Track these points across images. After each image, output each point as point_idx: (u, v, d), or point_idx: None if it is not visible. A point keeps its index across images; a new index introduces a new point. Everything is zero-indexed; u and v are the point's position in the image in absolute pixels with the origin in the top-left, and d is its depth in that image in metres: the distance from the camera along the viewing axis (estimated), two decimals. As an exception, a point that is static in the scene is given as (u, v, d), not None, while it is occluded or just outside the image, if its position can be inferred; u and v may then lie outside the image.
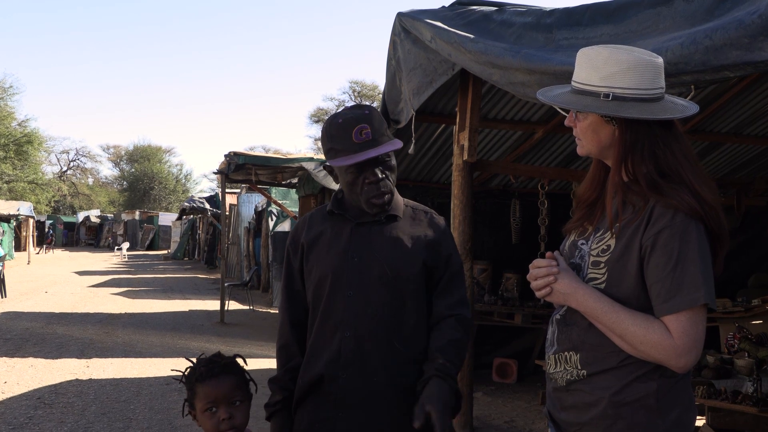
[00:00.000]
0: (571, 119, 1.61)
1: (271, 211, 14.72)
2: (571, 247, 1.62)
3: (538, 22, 3.37)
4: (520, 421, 5.28)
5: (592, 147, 1.58)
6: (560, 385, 1.56)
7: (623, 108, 1.47)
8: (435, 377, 1.73)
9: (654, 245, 1.41)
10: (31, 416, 5.10)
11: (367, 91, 39.70)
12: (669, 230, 1.40)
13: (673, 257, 1.39)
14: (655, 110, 1.47)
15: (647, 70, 1.49)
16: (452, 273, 1.90)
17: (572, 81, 1.58)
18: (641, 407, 1.44)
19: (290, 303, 1.94)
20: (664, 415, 1.45)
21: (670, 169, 1.47)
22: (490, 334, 6.87)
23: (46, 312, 11.10)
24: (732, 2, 2.34)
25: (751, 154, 6.61)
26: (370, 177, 1.82)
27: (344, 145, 1.80)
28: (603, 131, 1.54)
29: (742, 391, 4.14)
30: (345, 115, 1.84)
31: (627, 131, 1.50)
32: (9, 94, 32.10)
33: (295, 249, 1.94)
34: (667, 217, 1.41)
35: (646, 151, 1.48)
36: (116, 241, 39.20)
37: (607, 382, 1.47)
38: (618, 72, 1.48)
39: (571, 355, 1.54)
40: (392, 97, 5.01)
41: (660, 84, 1.51)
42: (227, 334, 9.31)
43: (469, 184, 4.34)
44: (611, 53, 1.51)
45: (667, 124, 1.50)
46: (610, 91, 1.48)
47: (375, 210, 1.86)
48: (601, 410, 1.47)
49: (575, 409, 1.53)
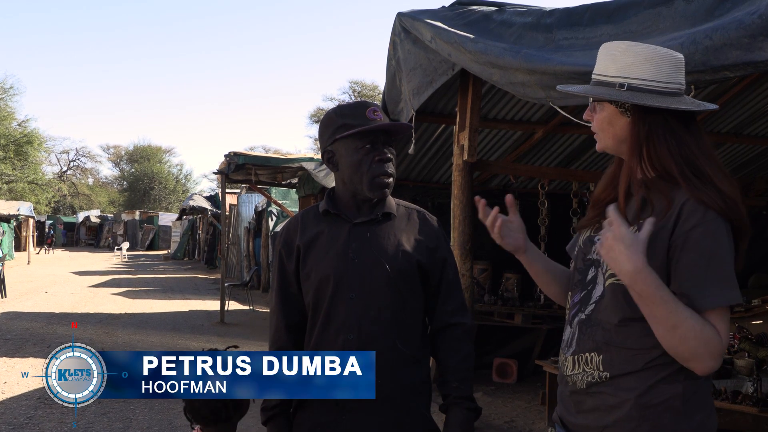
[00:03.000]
0: (589, 113, 1.58)
1: (271, 211, 14.72)
2: (587, 243, 1.59)
3: (538, 22, 3.37)
4: (520, 421, 5.28)
5: (608, 140, 1.55)
6: (579, 387, 1.52)
7: (637, 97, 1.44)
8: (454, 405, 1.82)
9: (685, 243, 1.37)
10: (31, 416, 5.10)
11: (367, 91, 39.67)
12: (702, 228, 1.36)
13: (705, 255, 1.35)
14: (672, 103, 1.44)
15: (665, 62, 1.46)
16: (450, 276, 1.90)
17: (593, 74, 1.56)
18: (667, 410, 1.41)
19: (285, 306, 1.90)
20: (689, 419, 1.41)
21: (692, 163, 1.44)
22: (490, 334, 6.87)
23: (46, 312, 11.10)
24: (732, 2, 2.34)
25: (751, 154, 6.61)
26: (381, 155, 1.82)
27: (359, 120, 1.81)
28: (618, 123, 1.51)
29: (742, 391, 4.13)
30: (353, 101, 1.88)
31: (641, 122, 1.47)
32: (9, 94, 32.12)
33: (289, 251, 1.89)
34: (700, 213, 1.37)
35: (670, 143, 1.45)
36: (116, 241, 39.18)
37: (632, 383, 1.43)
38: (635, 63, 1.46)
39: (592, 357, 1.49)
40: (392, 97, 5.01)
41: (678, 80, 1.48)
42: (227, 334, 9.31)
43: (469, 184, 4.34)
44: (629, 45, 1.49)
45: (684, 119, 1.47)
46: (625, 81, 1.46)
47: (377, 193, 1.83)
48: (626, 412, 1.43)
49: (597, 412, 1.48)
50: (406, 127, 1.91)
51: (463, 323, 1.88)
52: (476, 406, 1.84)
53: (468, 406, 1.82)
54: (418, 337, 1.86)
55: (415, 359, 1.83)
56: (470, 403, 1.82)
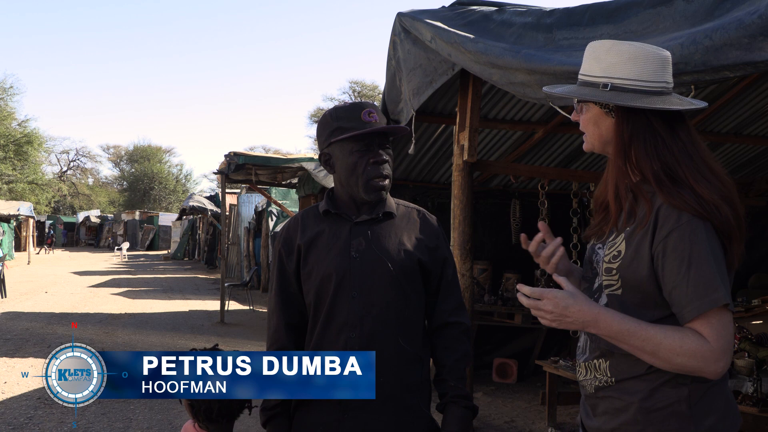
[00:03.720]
0: (576, 113, 1.58)
1: (271, 211, 14.72)
2: (590, 252, 1.60)
3: (538, 22, 3.37)
4: (520, 421, 5.28)
5: (594, 141, 1.55)
6: (589, 392, 1.54)
7: (620, 97, 1.43)
8: (451, 404, 1.82)
9: (665, 250, 1.36)
10: (31, 416, 5.10)
11: (367, 91, 39.67)
12: (677, 232, 1.35)
13: (685, 260, 1.34)
14: (655, 102, 1.42)
15: (649, 61, 1.44)
16: (449, 276, 1.91)
17: (579, 74, 1.56)
18: (672, 414, 1.39)
19: (285, 305, 1.89)
20: (698, 423, 1.39)
21: (668, 167, 1.42)
22: (490, 334, 6.87)
23: (46, 312, 11.10)
24: (732, 2, 2.34)
25: (751, 154, 6.60)
26: (376, 157, 1.82)
27: (353, 123, 1.81)
28: (603, 124, 1.51)
29: (742, 392, 4.13)
30: (348, 102, 1.87)
31: (624, 123, 1.46)
32: (9, 94, 32.11)
33: (290, 251, 1.89)
34: (673, 218, 1.36)
35: (649, 145, 1.43)
36: (116, 241, 39.19)
37: (636, 387, 1.43)
38: (618, 62, 1.45)
39: (600, 363, 1.50)
40: (392, 97, 5.01)
41: (664, 78, 1.46)
42: (227, 334, 9.31)
43: (469, 184, 4.33)
44: (614, 44, 1.48)
45: (669, 119, 1.45)
46: (609, 81, 1.45)
47: (373, 196, 1.84)
48: (631, 416, 1.43)
49: (606, 415, 1.49)
50: (400, 130, 1.91)
51: (461, 322, 1.89)
52: (473, 405, 1.84)
53: (465, 404, 1.82)
54: (420, 335, 1.87)
55: (417, 357, 1.83)
56: (467, 402, 1.83)
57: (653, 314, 1.42)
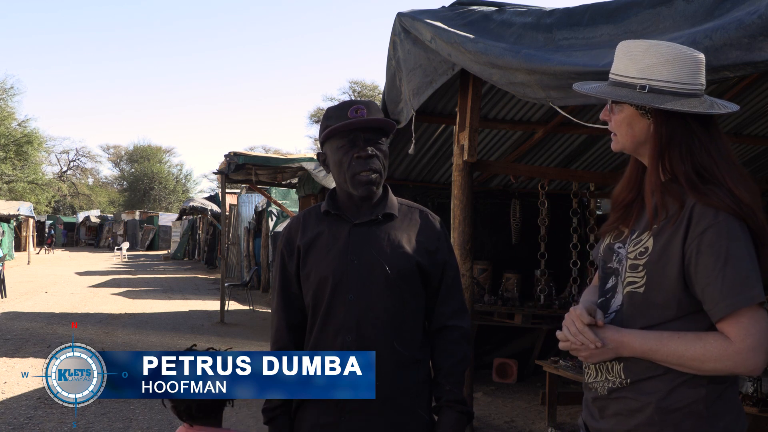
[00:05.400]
0: (606, 113, 1.56)
1: (271, 211, 14.72)
2: (606, 251, 1.57)
3: (538, 22, 3.36)
4: (520, 421, 5.28)
5: (626, 142, 1.52)
6: (601, 394, 1.51)
7: (659, 100, 1.42)
8: (445, 408, 1.81)
9: (699, 247, 1.35)
10: (31, 416, 5.10)
11: (367, 91, 39.67)
12: (713, 229, 1.34)
13: (721, 256, 1.32)
14: (693, 105, 1.42)
15: (687, 63, 1.44)
16: (450, 279, 1.89)
17: (610, 73, 1.54)
18: (690, 414, 1.38)
19: (286, 306, 1.90)
20: (714, 423, 1.38)
21: (705, 168, 1.41)
22: (490, 334, 6.87)
23: (46, 312, 11.10)
24: (732, 2, 2.34)
25: (751, 154, 6.60)
26: (360, 152, 1.80)
27: (340, 120, 1.82)
28: (638, 125, 1.49)
29: (742, 392, 4.13)
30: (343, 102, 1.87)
31: (663, 125, 1.45)
32: (9, 94, 32.11)
33: (291, 251, 1.90)
34: (710, 216, 1.35)
35: (683, 147, 1.43)
36: (116, 241, 39.18)
37: (653, 387, 1.41)
38: (656, 64, 1.43)
39: (613, 365, 1.48)
40: (392, 97, 5.01)
41: (699, 80, 1.45)
42: (227, 334, 9.31)
43: (469, 184, 4.33)
44: (651, 45, 1.47)
45: (704, 121, 1.45)
46: (646, 83, 1.44)
47: (361, 190, 1.82)
48: (647, 417, 1.41)
49: (619, 417, 1.47)
50: (383, 122, 1.86)
51: (460, 326, 1.87)
52: (468, 410, 1.83)
53: (460, 409, 1.81)
54: (419, 337, 1.85)
55: (414, 360, 1.82)
56: (462, 407, 1.81)
57: (674, 314, 1.41)
